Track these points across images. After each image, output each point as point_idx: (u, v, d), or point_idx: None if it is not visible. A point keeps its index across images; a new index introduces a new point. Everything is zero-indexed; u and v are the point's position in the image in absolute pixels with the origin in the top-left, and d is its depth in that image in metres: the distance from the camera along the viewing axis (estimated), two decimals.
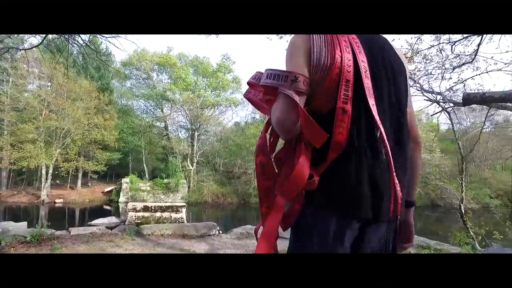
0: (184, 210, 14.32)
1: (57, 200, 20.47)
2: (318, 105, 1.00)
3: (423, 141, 24.68)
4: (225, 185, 25.20)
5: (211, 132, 29.89)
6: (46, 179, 20.46)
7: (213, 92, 28.51)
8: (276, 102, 0.98)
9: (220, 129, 29.73)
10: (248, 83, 1.20)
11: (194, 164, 25.62)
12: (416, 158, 1.17)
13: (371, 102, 0.97)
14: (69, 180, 23.66)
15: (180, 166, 24.46)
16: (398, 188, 0.96)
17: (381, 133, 0.95)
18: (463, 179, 6.66)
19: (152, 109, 28.79)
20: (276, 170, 1.11)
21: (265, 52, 66.13)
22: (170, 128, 28.44)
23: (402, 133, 1.05)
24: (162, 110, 27.72)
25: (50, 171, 20.47)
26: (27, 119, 19.02)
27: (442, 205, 23.37)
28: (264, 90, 1.06)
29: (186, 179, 24.22)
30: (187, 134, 28.90)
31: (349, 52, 0.99)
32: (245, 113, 41.27)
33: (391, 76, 1.06)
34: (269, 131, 1.14)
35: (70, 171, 21.65)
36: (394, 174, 0.95)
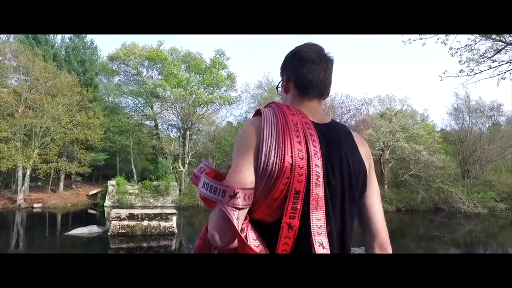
0: (174, 218, 12.92)
1: (35, 205, 18.79)
2: (262, 215, 0.92)
3: (426, 142, 23.85)
4: None
5: (203, 132, 28.51)
6: (23, 181, 18.74)
7: (206, 89, 27.12)
8: (213, 212, 0.92)
9: (213, 129, 28.34)
10: (194, 175, 1.10)
11: (186, 165, 24.24)
12: None
13: (316, 216, 0.88)
14: (50, 183, 21.94)
15: (171, 167, 23.04)
16: None
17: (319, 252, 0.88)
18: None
19: (141, 107, 27.24)
20: None
21: (261, 46, 64.87)
22: (161, 127, 26.95)
23: (349, 242, 0.99)
24: (152, 108, 26.19)
25: (28, 172, 18.76)
26: (0, 116, 17.29)
27: (446, 209, 22.36)
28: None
29: (177, 181, 22.87)
30: (179, 134, 27.51)
31: (303, 156, 0.88)
32: (239, 112, 40.02)
33: (347, 179, 0.96)
34: None
35: (51, 173, 19.97)
36: None
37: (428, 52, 69.50)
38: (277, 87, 1.16)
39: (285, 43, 51.14)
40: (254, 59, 59.59)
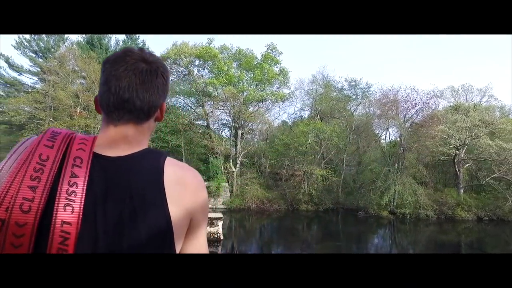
0: (220, 223, 12.10)
1: None
2: None
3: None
4: (271, 189, 22.92)
5: (256, 131, 27.67)
6: None
7: (257, 86, 26.20)
8: None
9: (266, 127, 27.36)
10: None
11: (237, 165, 23.54)
12: None
13: None
14: None
15: (222, 167, 22.48)
16: None
17: None
18: None
19: (192, 107, 27.23)
20: None
21: (315, 39, 62.68)
22: (212, 126, 26.66)
23: None
24: (203, 107, 25.98)
25: None
26: (59, 118, 18.19)
27: None
28: None
29: (228, 182, 22.23)
30: (230, 133, 27.03)
31: (29, 208, 0.64)
32: (293, 110, 38.72)
33: (127, 239, 0.69)
34: None
35: None
36: None
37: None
38: None
39: (340, 35, 48.50)
40: (308, 53, 57.47)
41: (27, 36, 22.59)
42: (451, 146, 20.45)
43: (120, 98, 0.78)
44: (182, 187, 0.78)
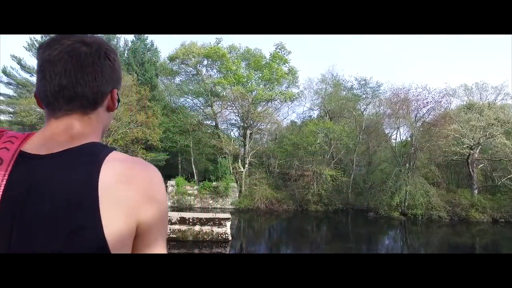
0: (228, 223, 11.99)
1: None
2: None
3: None
4: (280, 189, 22.72)
5: (265, 131, 27.51)
6: None
7: (266, 86, 26.01)
8: None
9: (275, 127, 27.18)
10: None
11: (246, 165, 23.39)
12: None
13: None
14: None
15: (231, 167, 22.37)
16: None
17: None
18: None
19: (201, 107, 27.20)
20: None
21: (324, 39, 62.21)
22: (221, 126, 26.60)
23: None
24: (211, 107, 25.93)
25: None
26: None
27: None
28: None
29: (237, 182, 22.11)
30: (239, 133, 26.92)
31: None
32: (302, 110, 38.38)
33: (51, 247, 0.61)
34: None
35: None
36: None
37: None
38: None
39: (349, 35, 47.93)
40: (317, 52, 57.01)
41: (38, 37, 22.82)
42: (464, 146, 19.95)
43: (57, 85, 0.68)
44: (125, 185, 0.65)
